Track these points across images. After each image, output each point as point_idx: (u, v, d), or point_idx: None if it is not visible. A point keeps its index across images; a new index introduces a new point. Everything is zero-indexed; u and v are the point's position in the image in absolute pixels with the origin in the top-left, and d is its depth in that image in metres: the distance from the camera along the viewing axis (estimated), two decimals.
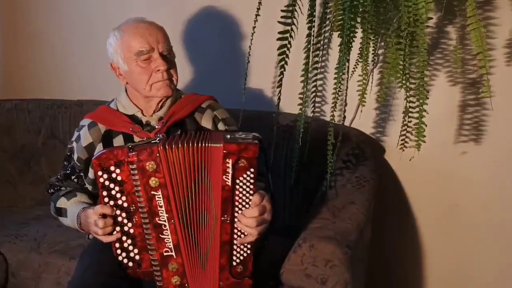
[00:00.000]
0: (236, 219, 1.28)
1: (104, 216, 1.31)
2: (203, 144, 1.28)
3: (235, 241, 1.29)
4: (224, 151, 1.25)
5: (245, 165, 1.25)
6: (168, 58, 1.46)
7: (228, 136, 1.30)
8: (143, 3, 2.22)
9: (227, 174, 1.25)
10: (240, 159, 1.25)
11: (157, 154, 1.26)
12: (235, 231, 1.29)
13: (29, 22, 2.48)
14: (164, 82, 1.45)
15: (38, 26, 2.47)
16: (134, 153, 1.27)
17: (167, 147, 1.27)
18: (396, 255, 2.09)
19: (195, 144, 1.28)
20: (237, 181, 1.26)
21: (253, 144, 1.25)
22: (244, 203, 1.28)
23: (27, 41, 2.51)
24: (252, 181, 1.27)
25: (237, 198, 1.27)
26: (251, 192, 1.27)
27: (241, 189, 1.27)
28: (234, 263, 1.30)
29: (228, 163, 1.25)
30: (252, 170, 1.26)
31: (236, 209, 1.28)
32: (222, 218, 1.27)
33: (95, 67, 2.39)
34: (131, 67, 1.45)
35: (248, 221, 1.27)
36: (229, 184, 1.26)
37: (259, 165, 1.29)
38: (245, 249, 1.30)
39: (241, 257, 1.31)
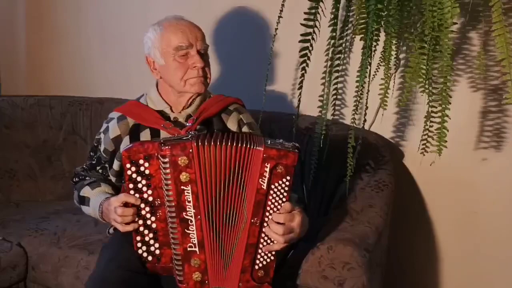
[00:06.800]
0: (265, 223, 1.29)
1: (126, 205, 1.33)
2: (243, 145, 1.29)
3: (260, 245, 1.30)
4: (264, 155, 1.26)
5: (282, 172, 1.27)
6: (204, 57, 1.49)
7: (269, 141, 1.30)
8: (166, 4, 2.25)
9: (263, 178, 1.27)
10: (278, 165, 1.26)
11: (190, 150, 1.28)
12: (262, 235, 1.30)
13: (53, 21, 2.52)
14: (199, 79, 1.48)
15: (61, 26, 2.51)
16: (167, 147, 1.28)
17: (199, 143, 1.28)
18: (413, 261, 2.07)
19: (234, 144, 1.29)
20: (272, 186, 1.28)
21: (292, 152, 1.27)
22: (275, 209, 1.29)
23: (51, 39, 2.55)
24: (286, 188, 1.28)
25: (269, 203, 1.28)
26: (284, 199, 1.29)
27: (274, 195, 1.28)
28: (256, 267, 1.31)
29: (266, 167, 1.26)
30: (288, 178, 1.27)
31: (267, 213, 1.29)
32: (252, 220, 1.29)
33: (117, 66, 2.42)
34: (167, 62, 1.47)
35: (276, 227, 1.28)
36: (264, 188, 1.27)
37: (295, 176, 1.30)
38: (269, 254, 1.31)
39: (264, 262, 1.31)
